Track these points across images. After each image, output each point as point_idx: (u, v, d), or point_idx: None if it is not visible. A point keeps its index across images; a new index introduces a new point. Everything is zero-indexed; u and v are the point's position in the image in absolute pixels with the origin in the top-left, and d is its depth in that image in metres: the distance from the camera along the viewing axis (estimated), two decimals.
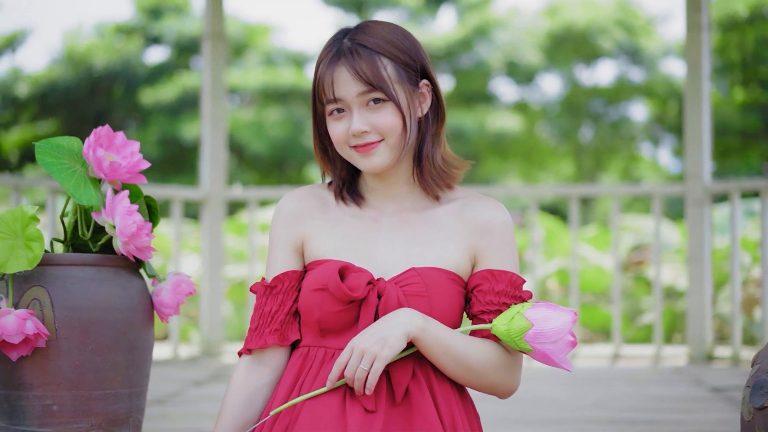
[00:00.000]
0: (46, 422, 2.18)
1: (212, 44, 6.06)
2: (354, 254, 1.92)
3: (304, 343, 1.93)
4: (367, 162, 1.90)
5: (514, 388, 1.93)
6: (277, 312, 1.94)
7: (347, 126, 1.89)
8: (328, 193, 2.01)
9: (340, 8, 22.54)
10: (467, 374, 1.87)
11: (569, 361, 1.84)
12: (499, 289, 1.90)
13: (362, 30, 1.91)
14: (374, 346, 1.78)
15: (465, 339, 1.86)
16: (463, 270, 1.92)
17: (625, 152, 22.65)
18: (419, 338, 1.82)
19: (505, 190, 7.62)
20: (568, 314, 1.82)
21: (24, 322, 2.10)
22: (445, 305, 1.88)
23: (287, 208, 1.99)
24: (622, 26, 21.20)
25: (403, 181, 1.96)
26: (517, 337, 1.82)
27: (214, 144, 6.04)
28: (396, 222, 1.95)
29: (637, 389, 4.61)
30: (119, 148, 2.30)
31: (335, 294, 1.85)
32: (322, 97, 1.91)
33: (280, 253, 1.97)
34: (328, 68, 1.89)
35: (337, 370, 1.81)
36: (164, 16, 23.01)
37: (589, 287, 7.88)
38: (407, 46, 1.91)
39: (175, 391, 4.55)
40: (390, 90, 1.87)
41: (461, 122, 22.26)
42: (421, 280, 1.87)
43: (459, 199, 1.97)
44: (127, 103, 22.21)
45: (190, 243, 8.55)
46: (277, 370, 1.95)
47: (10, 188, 5.10)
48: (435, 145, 1.96)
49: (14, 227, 2.19)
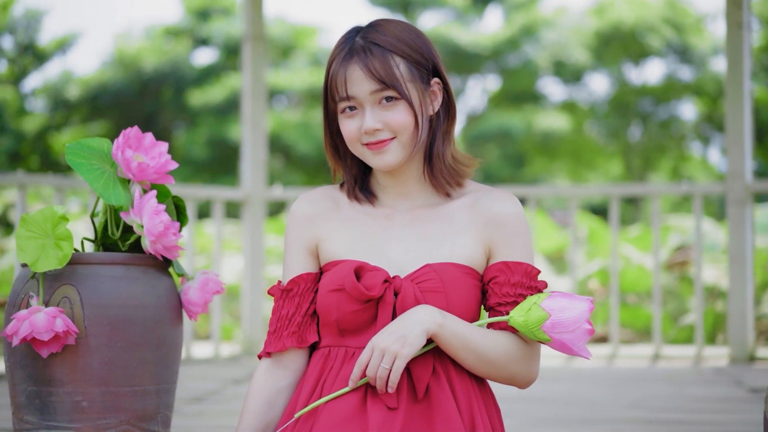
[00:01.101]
0: (76, 418, 2.22)
1: (252, 45, 6.11)
2: (368, 253, 1.93)
3: (324, 344, 1.95)
4: (379, 160, 1.92)
5: (533, 378, 1.94)
6: (295, 314, 1.96)
7: (359, 124, 1.91)
8: (341, 194, 2.03)
9: (386, 8, 22.57)
10: (486, 367, 1.88)
11: (587, 349, 1.85)
12: (514, 280, 1.91)
13: (374, 28, 1.93)
14: (394, 345, 1.80)
15: (483, 332, 1.88)
16: (478, 263, 1.93)
17: (675, 151, 22.45)
18: (438, 334, 1.84)
19: (546, 189, 7.59)
20: (584, 303, 1.83)
21: (54, 319, 2.14)
22: (461, 300, 1.89)
23: (300, 210, 2.02)
24: (671, 24, 21.01)
25: (415, 179, 1.98)
26: (534, 328, 1.84)
27: (255, 144, 6.09)
28: (409, 219, 1.96)
29: (676, 390, 4.58)
30: (147, 149, 2.34)
31: (352, 294, 1.87)
32: (335, 94, 1.92)
33: (295, 256, 1.99)
34: (341, 66, 1.91)
35: (358, 370, 1.83)
36: (212, 18, 23.19)
37: (632, 287, 7.83)
38: (419, 44, 1.93)
39: (214, 389, 4.60)
40: (402, 88, 1.89)
41: (508, 122, 22.19)
42: (436, 276, 1.88)
43: (470, 193, 1.98)
44: (176, 105, 22.41)
45: (233, 243, 8.62)
46: (297, 372, 1.97)
47: (53, 188, 5.18)
48: (445, 143, 1.97)
49: (44, 227, 2.24)
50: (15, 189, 4.98)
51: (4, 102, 21.61)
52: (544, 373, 5.24)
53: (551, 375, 5.18)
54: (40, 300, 2.21)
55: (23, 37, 23.31)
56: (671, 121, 22.24)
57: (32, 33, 23.42)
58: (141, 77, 22.20)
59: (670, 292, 7.85)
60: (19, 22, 23.27)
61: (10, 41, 23.34)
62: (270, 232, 8.75)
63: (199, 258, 8.41)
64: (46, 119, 22.86)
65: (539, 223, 8.58)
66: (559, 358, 5.83)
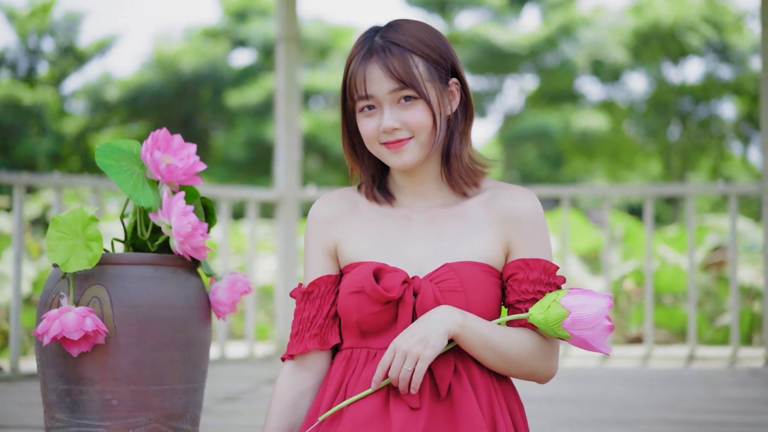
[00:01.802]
0: (106, 416, 2.25)
1: (286, 46, 6.13)
2: (387, 254, 1.94)
3: (347, 345, 1.96)
4: (397, 159, 1.93)
5: (553, 374, 1.95)
6: (316, 316, 1.97)
7: (378, 123, 1.92)
8: (359, 195, 2.03)
9: (423, 9, 22.57)
10: (507, 364, 1.89)
11: (607, 345, 1.85)
12: (533, 277, 1.91)
13: (393, 28, 1.93)
14: (416, 347, 1.81)
15: (503, 330, 1.88)
16: (496, 261, 1.94)
17: (715, 151, 22.27)
18: (459, 334, 1.84)
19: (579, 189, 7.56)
20: (604, 299, 1.84)
21: (83, 319, 2.17)
22: (481, 298, 1.90)
23: (319, 213, 2.03)
24: (711, 23, 20.84)
25: (432, 179, 1.98)
26: (555, 325, 1.84)
27: (289, 145, 6.11)
28: (426, 219, 1.97)
29: (710, 391, 4.55)
30: (176, 151, 2.37)
31: (371, 296, 1.88)
32: (354, 93, 1.93)
33: (315, 258, 2.01)
34: (360, 65, 1.92)
35: (381, 372, 1.84)
36: (250, 19, 23.30)
37: (668, 288, 7.78)
38: (438, 44, 1.94)
39: (248, 388, 4.63)
40: (421, 88, 1.90)
41: (546, 122, 22.12)
42: (455, 276, 1.89)
43: (487, 190, 1.98)
44: (214, 106, 22.54)
45: (268, 244, 8.66)
46: (320, 374, 1.99)
47: (89, 189, 5.23)
48: (463, 143, 1.97)
49: (75, 228, 2.27)
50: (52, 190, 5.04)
51: (44, 104, 21.83)
52: (577, 373, 5.23)
53: (584, 376, 5.17)
54: (70, 300, 2.24)
55: (63, 40, 23.55)
56: (711, 120, 22.07)
57: (72, 35, 23.65)
58: (179, 78, 22.35)
59: (708, 292, 7.80)
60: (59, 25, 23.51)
61: (51, 43, 23.59)
62: (303, 232, 8.73)
63: (234, 258, 8.46)
64: (86, 121, 23.08)
65: (574, 223, 8.55)
66: (593, 359, 5.80)
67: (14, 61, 23.27)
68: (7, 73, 23.18)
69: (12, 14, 23.38)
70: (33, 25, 23.19)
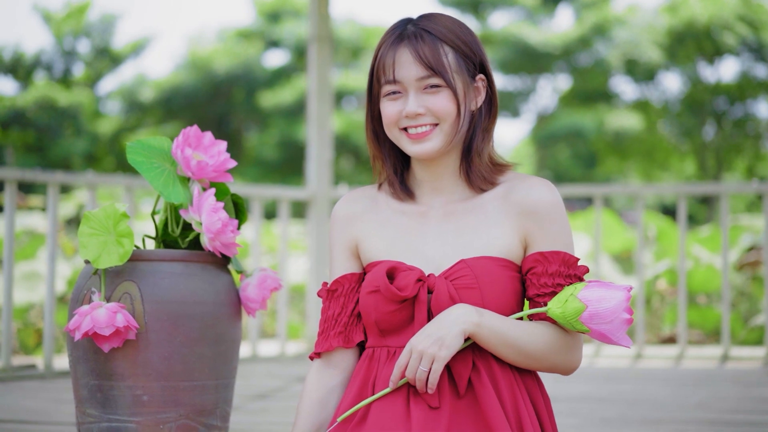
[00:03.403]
0: (137, 412, 2.26)
1: (318, 46, 6.14)
2: (405, 252, 1.94)
3: (369, 344, 1.96)
4: (418, 147, 1.92)
5: (575, 366, 1.93)
6: (340, 314, 1.98)
7: (401, 107, 1.91)
8: (379, 193, 2.03)
9: (457, 9, 22.55)
10: (527, 360, 1.87)
11: (627, 337, 1.84)
12: (552, 270, 1.89)
13: (427, 18, 1.94)
14: (432, 347, 1.80)
15: (522, 326, 1.87)
16: (515, 254, 1.92)
17: (750, 150, 22.10)
18: (476, 333, 1.83)
19: (611, 188, 7.52)
20: (621, 292, 1.81)
21: (115, 315, 2.19)
22: (497, 293, 1.88)
23: (340, 211, 2.03)
24: (746, 21, 20.67)
25: (450, 173, 1.97)
26: (572, 319, 1.83)
27: (320, 144, 6.13)
28: (443, 215, 1.96)
29: (743, 391, 4.51)
30: (207, 148, 2.38)
31: (386, 295, 1.88)
32: (381, 77, 1.93)
33: (339, 257, 2.01)
34: (390, 49, 1.91)
35: (398, 371, 1.83)
36: (283, 20, 23.37)
37: (701, 288, 7.72)
38: (468, 39, 1.93)
39: (279, 386, 4.64)
40: (449, 76, 1.89)
41: (580, 121, 22.04)
42: (470, 272, 1.87)
43: (504, 183, 1.97)
44: (247, 107, 22.63)
45: (300, 243, 8.68)
46: (347, 371, 1.99)
47: (123, 188, 5.27)
48: (485, 141, 1.96)
49: (106, 224, 2.28)
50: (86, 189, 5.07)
51: (79, 105, 22.01)
52: (610, 373, 5.21)
53: (617, 375, 5.14)
54: (101, 296, 2.25)
55: (99, 41, 23.73)
56: (746, 120, 21.90)
57: (107, 37, 23.83)
58: (213, 79, 22.46)
59: (742, 292, 7.73)
60: (95, 26, 23.69)
61: (87, 45, 23.79)
62: None
63: (266, 258, 8.49)
64: (121, 121, 23.25)
65: (607, 223, 8.50)
66: (626, 359, 5.77)
67: (50, 63, 23.49)
68: (43, 74, 23.39)
69: (48, 16, 23.59)
70: (69, 26, 23.39)
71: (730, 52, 21.02)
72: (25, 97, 21.87)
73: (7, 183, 4.83)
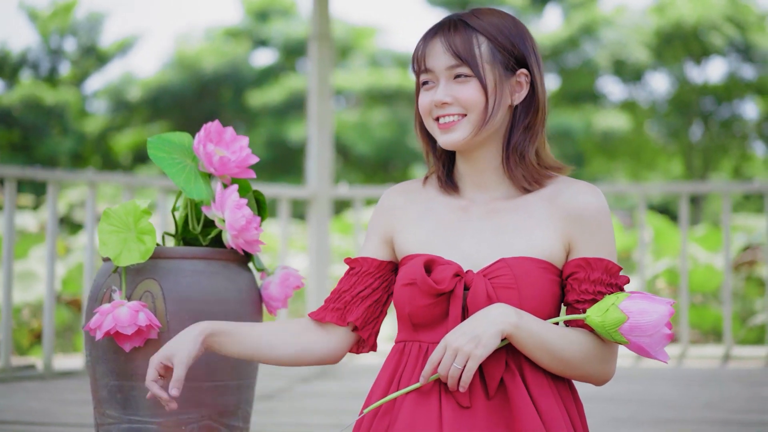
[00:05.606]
0: (158, 413, 2.21)
1: (318, 45, 6.11)
2: (443, 246, 1.90)
3: (400, 338, 1.93)
4: (446, 137, 1.90)
5: (609, 377, 1.89)
6: (346, 292, 1.97)
7: (432, 97, 1.90)
8: (422, 187, 2.01)
9: (446, 8, 22.54)
10: (561, 366, 1.83)
11: (666, 352, 1.80)
12: (594, 277, 1.85)
13: (472, 11, 1.93)
14: (468, 345, 1.76)
15: (559, 331, 1.83)
16: (556, 258, 1.88)
17: (737, 151, 22.17)
18: (513, 334, 1.79)
19: (614, 187, 7.51)
20: (665, 306, 1.77)
21: (136, 313, 2.14)
22: (535, 296, 1.84)
23: (386, 201, 2.02)
24: (734, 22, 20.73)
25: (492, 169, 1.93)
26: (612, 330, 1.78)
27: (321, 143, 6.09)
28: (485, 211, 1.92)
29: (750, 390, 4.50)
30: (228, 143, 2.34)
31: (422, 287, 1.84)
32: (415, 67, 1.94)
33: (371, 240, 2.01)
34: (425, 40, 1.92)
35: (430, 367, 1.80)
36: (271, 19, 23.31)
37: (698, 287, 7.72)
38: (512, 32, 1.90)
39: (283, 387, 4.60)
40: (477, 67, 1.86)
41: (568, 122, 22.06)
42: (510, 272, 1.83)
43: (551, 185, 1.93)
44: (235, 106, 22.55)
45: (297, 242, 8.63)
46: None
47: (123, 187, 5.22)
48: (528, 139, 1.92)
49: (127, 221, 2.24)
50: (83, 187, 5.02)
51: (66, 104, 21.90)
52: (617, 372, 5.18)
53: (622, 374, 5.12)
54: (122, 294, 2.20)
55: (85, 40, 23.61)
56: (733, 121, 21.96)
57: (94, 35, 23.72)
58: (201, 78, 22.38)
59: (736, 292, 7.73)
60: (81, 25, 23.57)
61: (73, 43, 23.67)
62: (335, 231, 8.73)
63: (263, 257, 8.44)
64: (107, 120, 23.13)
65: None
66: (629, 358, 5.76)
67: (36, 61, 23.35)
68: (29, 73, 23.26)
69: (34, 14, 23.47)
70: (55, 25, 23.27)
71: (718, 53, 21.06)
72: (11, 95, 21.74)
73: (6, 180, 4.77)
